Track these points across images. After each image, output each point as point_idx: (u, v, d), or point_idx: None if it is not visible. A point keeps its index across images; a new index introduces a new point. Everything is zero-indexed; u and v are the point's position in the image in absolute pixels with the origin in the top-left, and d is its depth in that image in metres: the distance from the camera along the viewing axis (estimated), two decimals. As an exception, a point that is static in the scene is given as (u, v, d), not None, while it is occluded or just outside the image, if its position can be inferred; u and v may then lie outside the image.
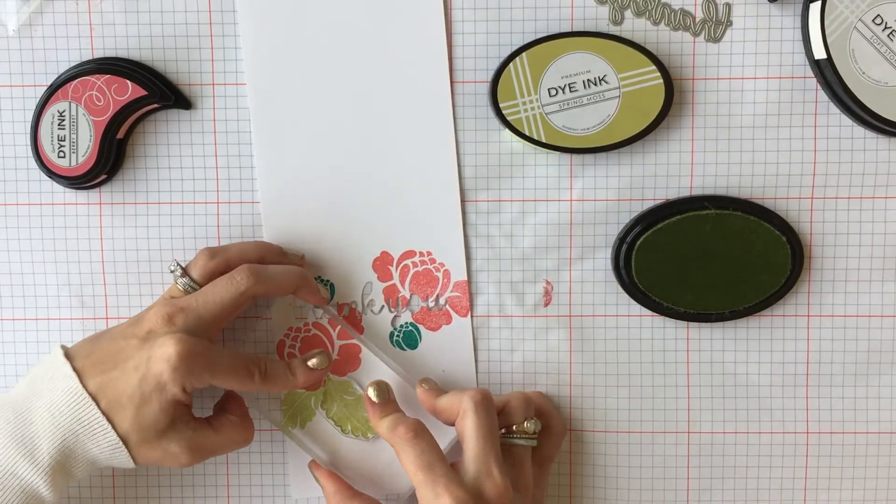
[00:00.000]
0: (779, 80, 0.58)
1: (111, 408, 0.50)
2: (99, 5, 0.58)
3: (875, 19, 0.55)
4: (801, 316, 0.59)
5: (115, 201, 0.60)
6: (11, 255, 0.60)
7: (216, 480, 0.61)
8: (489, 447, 0.51)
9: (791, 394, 0.60)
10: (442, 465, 0.50)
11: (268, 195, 0.59)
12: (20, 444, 0.50)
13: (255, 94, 0.58)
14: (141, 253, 0.60)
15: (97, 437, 0.50)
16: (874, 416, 0.59)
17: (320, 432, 0.59)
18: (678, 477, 0.60)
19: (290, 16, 0.58)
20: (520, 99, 0.57)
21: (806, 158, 0.58)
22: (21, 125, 0.59)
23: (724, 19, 0.58)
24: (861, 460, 0.60)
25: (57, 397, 0.50)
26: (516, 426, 0.54)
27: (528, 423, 0.54)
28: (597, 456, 0.60)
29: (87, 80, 0.57)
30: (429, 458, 0.50)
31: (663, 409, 0.60)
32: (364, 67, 0.58)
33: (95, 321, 0.60)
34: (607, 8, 0.58)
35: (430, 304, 0.60)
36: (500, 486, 0.50)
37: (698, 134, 0.58)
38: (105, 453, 0.51)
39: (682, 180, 0.59)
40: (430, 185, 0.59)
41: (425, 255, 0.59)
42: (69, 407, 0.50)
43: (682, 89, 0.58)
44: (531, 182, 0.59)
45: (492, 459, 0.51)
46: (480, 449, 0.51)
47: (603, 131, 0.57)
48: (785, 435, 0.60)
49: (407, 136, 0.59)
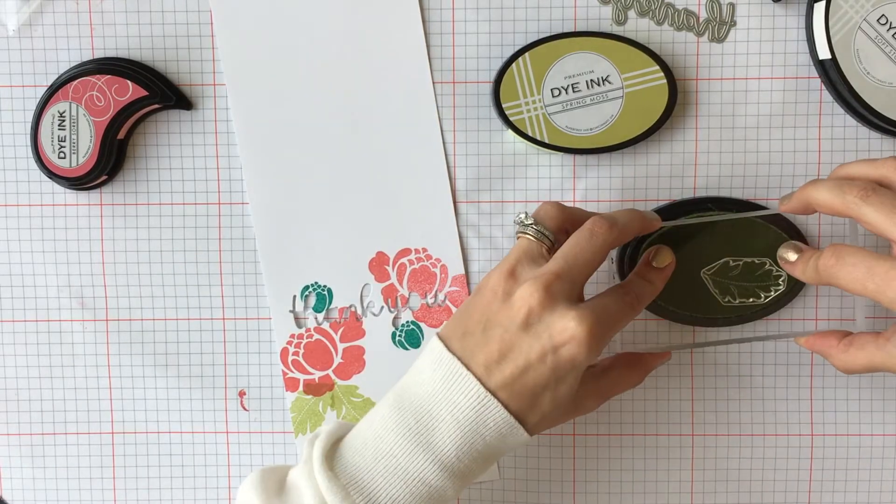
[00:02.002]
0: (783, 81, 0.58)
1: (522, 408, 0.47)
2: (99, 5, 0.58)
3: (880, 19, 0.55)
4: (810, 320, 0.59)
5: (116, 202, 0.60)
6: (12, 257, 0.60)
7: (218, 483, 0.61)
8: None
9: (795, 396, 0.59)
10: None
11: (257, 201, 0.59)
12: (427, 450, 0.47)
13: (235, 98, 0.58)
14: (141, 254, 0.60)
15: (507, 438, 0.48)
16: (879, 418, 0.59)
17: None
18: (682, 480, 0.60)
19: (265, 17, 0.58)
20: (522, 99, 0.57)
21: (810, 159, 0.58)
22: (21, 126, 0.59)
23: (728, 19, 0.57)
24: (866, 462, 0.59)
25: (460, 402, 0.47)
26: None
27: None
28: (600, 460, 0.60)
29: (87, 80, 0.57)
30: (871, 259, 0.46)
31: (667, 411, 0.60)
32: (346, 68, 0.58)
33: (95, 322, 0.60)
34: (610, 8, 0.57)
35: (430, 301, 0.59)
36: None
37: (702, 135, 0.58)
38: (509, 445, 0.49)
39: (686, 181, 0.58)
40: (421, 181, 0.59)
41: (421, 253, 0.59)
42: (475, 411, 0.47)
43: (685, 90, 0.58)
44: (534, 183, 0.59)
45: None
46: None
47: (606, 132, 0.57)
48: (789, 437, 0.60)
49: (393, 135, 0.58)
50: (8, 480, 0.61)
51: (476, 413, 0.47)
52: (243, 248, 0.60)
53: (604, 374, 0.52)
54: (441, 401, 0.47)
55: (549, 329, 0.46)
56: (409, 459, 0.47)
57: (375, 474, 0.47)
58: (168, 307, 0.60)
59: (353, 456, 0.48)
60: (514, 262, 0.49)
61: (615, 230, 0.49)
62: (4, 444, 0.61)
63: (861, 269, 0.46)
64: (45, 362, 0.61)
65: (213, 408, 0.60)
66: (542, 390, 0.47)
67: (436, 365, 0.48)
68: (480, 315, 0.48)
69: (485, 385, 0.47)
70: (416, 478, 0.47)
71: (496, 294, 0.48)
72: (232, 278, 0.60)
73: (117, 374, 0.60)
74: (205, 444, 0.61)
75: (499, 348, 0.47)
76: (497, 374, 0.47)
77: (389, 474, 0.47)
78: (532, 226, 0.50)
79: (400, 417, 0.48)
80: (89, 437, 0.61)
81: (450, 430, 0.47)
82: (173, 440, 0.61)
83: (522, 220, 0.50)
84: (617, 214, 0.51)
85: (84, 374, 0.61)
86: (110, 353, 0.60)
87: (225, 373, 0.60)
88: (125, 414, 0.61)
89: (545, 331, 0.47)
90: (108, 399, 0.61)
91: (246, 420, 0.61)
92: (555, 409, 0.48)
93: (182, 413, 0.61)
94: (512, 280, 0.48)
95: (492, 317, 0.48)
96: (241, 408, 0.61)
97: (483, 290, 0.49)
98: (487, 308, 0.48)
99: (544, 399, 0.47)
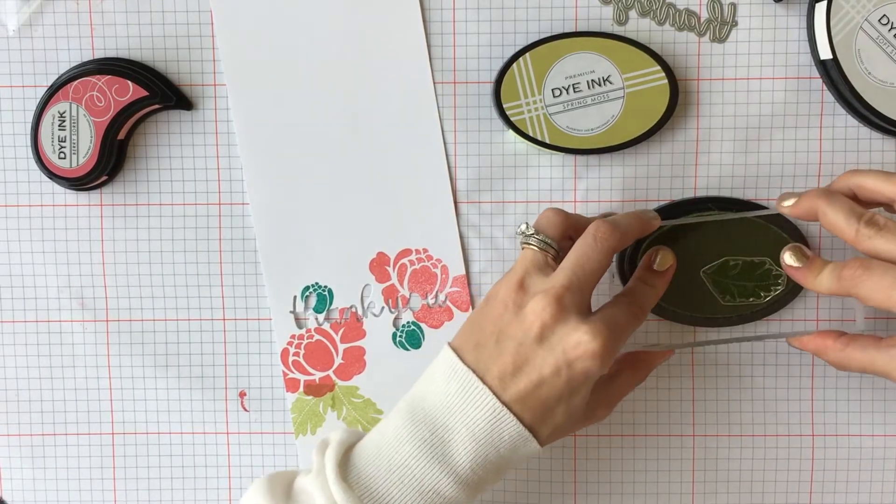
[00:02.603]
0: (784, 81, 0.57)
1: (536, 420, 0.48)
2: (99, 5, 0.58)
3: (881, 19, 0.55)
4: (811, 320, 0.59)
5: (116, 202, 0.59)
6: (12, 257, 0.60)
7: (218, 483, 0.61)
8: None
9: (796, 396, 0.59)
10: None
11: (257, 202, 0.59)
12: (442, 462, 0.47)
13: (236, 98, 0.58)
14: (142, 254, 0.60)
15: (519, 449, 0.48)
16: (880, 418, 0.59)
17: None
18: (683, 480, 0.60)
19: (265, 17, 0.58)
20: (523, 99, 0.56)
21: (811, 159, 0.58)
22: (21, 126, 0.59)
23: (730, 19, 0.57)
24: (867, 463, 0.59)
25: (475, 415, 0.47)
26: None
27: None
28: (601, 461, 0.60)
29: (87, 80, 0.57)
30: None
31: (667, 411, 0.60)
32: (346, 68, 0.58)
33: (96, 322, 0.60)
34: (612, 8, 0.57)
35: (431, 301, 0.59)
36: None
37: (703, 135, 0.58)
38: (521, 456, 0.49)
39: (687, 181, 0.58)
40: (421, 182, 0.59)
41: (422, 253, 0.59)
42: (490, 424, 0.47)
43: (686, 90, 0.58)
44: (535, 183, 0.59)
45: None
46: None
47: (607, 132, 0.57)
48: (790, 438, 0.59)
49: (394, 135, 0.58)
50: (8, 481, 0.61)
51: (491, 426, 0.47)
52: (244, 248, 0.60)
53: (611, 380, 0.53)
54: (456, 413, 0.47)
55: (563, 343, 0.47)
56: (424, 471, 0.47)
57: (390, 485, 0.47)
58: (168, 307, 0.60)
59: (367, 466, 0.48)
60: (523, 272, 0.49)
61: (618, 234, 0.49)
62: (4, 444, 0.61)
63: (888, 279, 0.46)
64: (46, 363, 0.60)
65: (214, 408, 0.60)
66: (556, 403, 0.47)
67: (450, 376, 0.48)
68: (493, 327, 0.48)
69: (500, 398, 0.47)
70: (430, 489, 0.47)
71: (507, 306, 0.48)
72: (232, 279, 0.60)
73: (117, 375, 0.60)
74: (205, 444, 0.61)
75: (513, 361, 0.47)
76: (512, 388, 0.47)
77: (405, 486, 0.47)
78: (534, 236, 0.50)
79: (415, 428, 0.48)
80: (89, 437, 0.61)
81: (465, 443, 0.47)
82: (174, 441, 0.61)
83: (524, 231, 0.50)
84: (617, 218, 0.51)
85: (84, 375, 0.60)
86: (110, 354, 0.60)
87: (225, 373, 0.60)
88: (125, 415, 0.61)
89: (559, 345, 0.47)
90: (108, 399, 0.61)
91: (246, 421, 0.61)
92: (567, 421, 0.48)
93: (182, 414, 0.61)
94: (522, 292, 0.48)
95: (504, 329, 0.48)
96: (241, 408, 0.61)
97: (493, 302, 0.49)
98: (499, 320, 0.48)
99: (558, 411, 0.48)
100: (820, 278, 0.49)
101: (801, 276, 0.51)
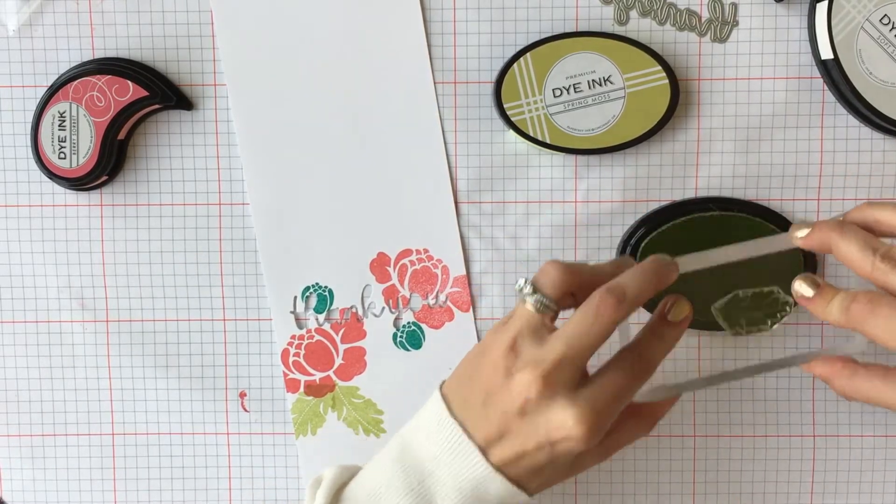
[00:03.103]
0: (785, 81, 0.57)
1: (522, 478, 0.47)
2: (99, 5, 0.58)
3: (882, 19, 0.55)
4: (815, 324, 0.59)
5: (116, 203, 0.59)
6: (12, 257, 0.60)
7: (218, 484, 0.61)
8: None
9: (797, 397, 0.59)
10: None
11: (257, 202, 0.59)
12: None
13: (236, 98, 0.58)
14: (142, 255, 0.60)
15: (506, 500, 0.48)
16: (881, 419, 0.59)
17: (333, 437, 0.58)
18: (684, 481, 0.60)
19: (265, 17, 0.57)
20: (524, 99, 0.56)
21: (812, 159, 0.58)
22: (21, 126, 0.59)
23: (730, 19, 0.57)
24: (868, 464, 0.59)
25: (461, 470, 0.47)
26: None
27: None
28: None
29: (87, 80, 0.57)
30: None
31: (668, 412, 0.59)
32: (347, 68, 0.58)
33: (96, 323, 0.60)
34: (612, 8, 0.57)
35: (431, 302, 0.59)
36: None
37: (704, 135, 0.58)
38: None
39: (688, 181, 0.58)
40: (422, 182, 0.59)
41: (422, 253, 0.59)
42: (476, 481, 0.47)
43: (687, 90, 0.58)
44: (535, 183, 0.59)
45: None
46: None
47: (608, 132, 0.57)
48: (791, 438, 0.59)
49: (394, 135, 0.58)
50: (8, 482, 0.61)
51: (478, 482, 0.47)
52: (244, 248, 0.60)
53: (612, 430, 0.50)
54: (443, 465, 0.47)
55: (547, 424, 0.45)
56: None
57: None
58: (168, 308, 0.60)
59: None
60: (516, 333, 0.47)
61: (623, 308, 0.46)
62: (4, 444, 0.61)
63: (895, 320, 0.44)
64: (46, 363, 0.60)
65: (214, 409, 0.60)
66: (543, 467, 0.47)
67: (439, 425, 0.48)
68: (481, 387, 0.47)
69: (486, 458, 0.47)
70: None
71: (496, 368, 0.47)
72: (232, 279, 0.60)
73: (118, 375, 0.60)
74: (205, 445, 0.61)
75: (497, 429, 0.46)
76: (497, 452, 0.46)
77: None
78: (532, 295, 0.47)
79: (404, 475, 0.48)
80: (89, 438, 0.61)
81: (451, 495, 0.47)
82: (174, 441, 0.61)
83: (522, 288, 0.48)
84: (627, 281, 0.47)
85: (84, 375, 0.60)
86: (110, 354, 0.60)
87: (225, 374, 0.60)
88: (125, 415, 0.61)
89: (543, 425, 0.45)
90: (108, 400, 0.61)
91: (247, 421, 0.61)
92: (558, 476, 0.48)
93: (182, 414, 0.60)
94: (513, 355, 0.46)
95: (492, 392, 0.47)
96: (241, 409, 0.60)
97: (484, 360, 0.48)
98: (488, 381, 0.47)
99: (545, 472, 0.47)
100: (829, 308, 0.47)
101: (812, 306, 0.48)
